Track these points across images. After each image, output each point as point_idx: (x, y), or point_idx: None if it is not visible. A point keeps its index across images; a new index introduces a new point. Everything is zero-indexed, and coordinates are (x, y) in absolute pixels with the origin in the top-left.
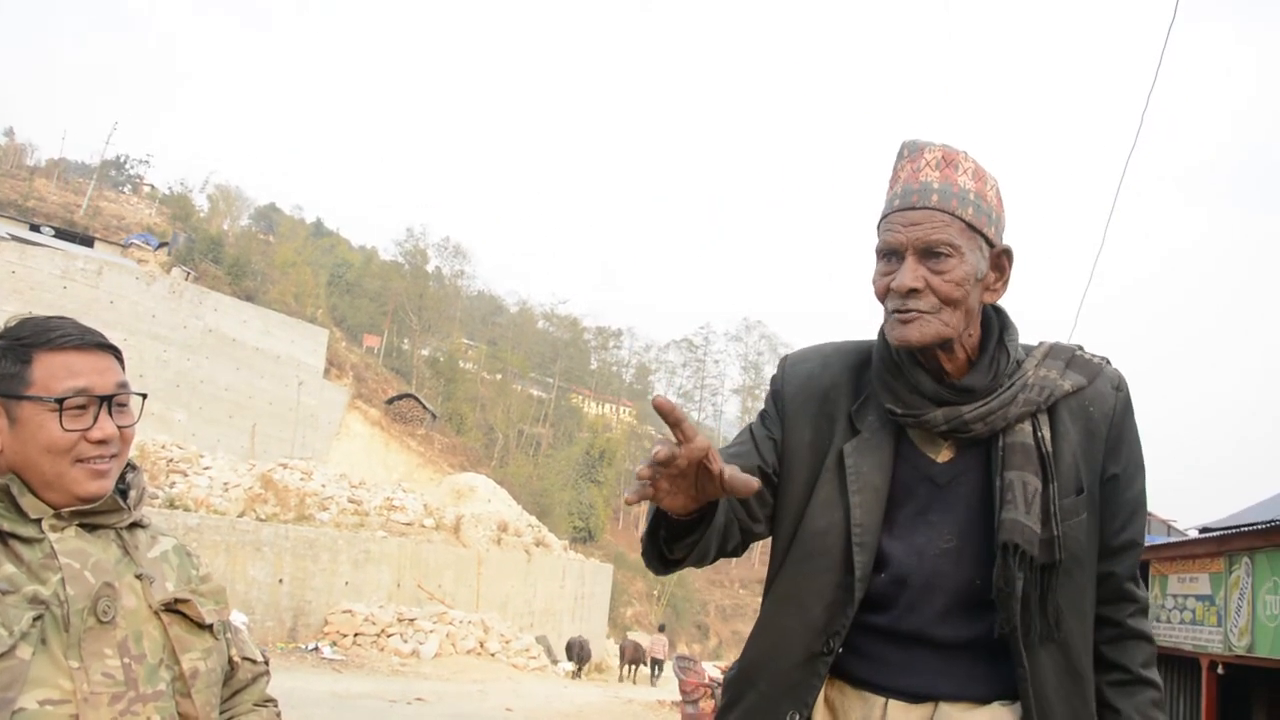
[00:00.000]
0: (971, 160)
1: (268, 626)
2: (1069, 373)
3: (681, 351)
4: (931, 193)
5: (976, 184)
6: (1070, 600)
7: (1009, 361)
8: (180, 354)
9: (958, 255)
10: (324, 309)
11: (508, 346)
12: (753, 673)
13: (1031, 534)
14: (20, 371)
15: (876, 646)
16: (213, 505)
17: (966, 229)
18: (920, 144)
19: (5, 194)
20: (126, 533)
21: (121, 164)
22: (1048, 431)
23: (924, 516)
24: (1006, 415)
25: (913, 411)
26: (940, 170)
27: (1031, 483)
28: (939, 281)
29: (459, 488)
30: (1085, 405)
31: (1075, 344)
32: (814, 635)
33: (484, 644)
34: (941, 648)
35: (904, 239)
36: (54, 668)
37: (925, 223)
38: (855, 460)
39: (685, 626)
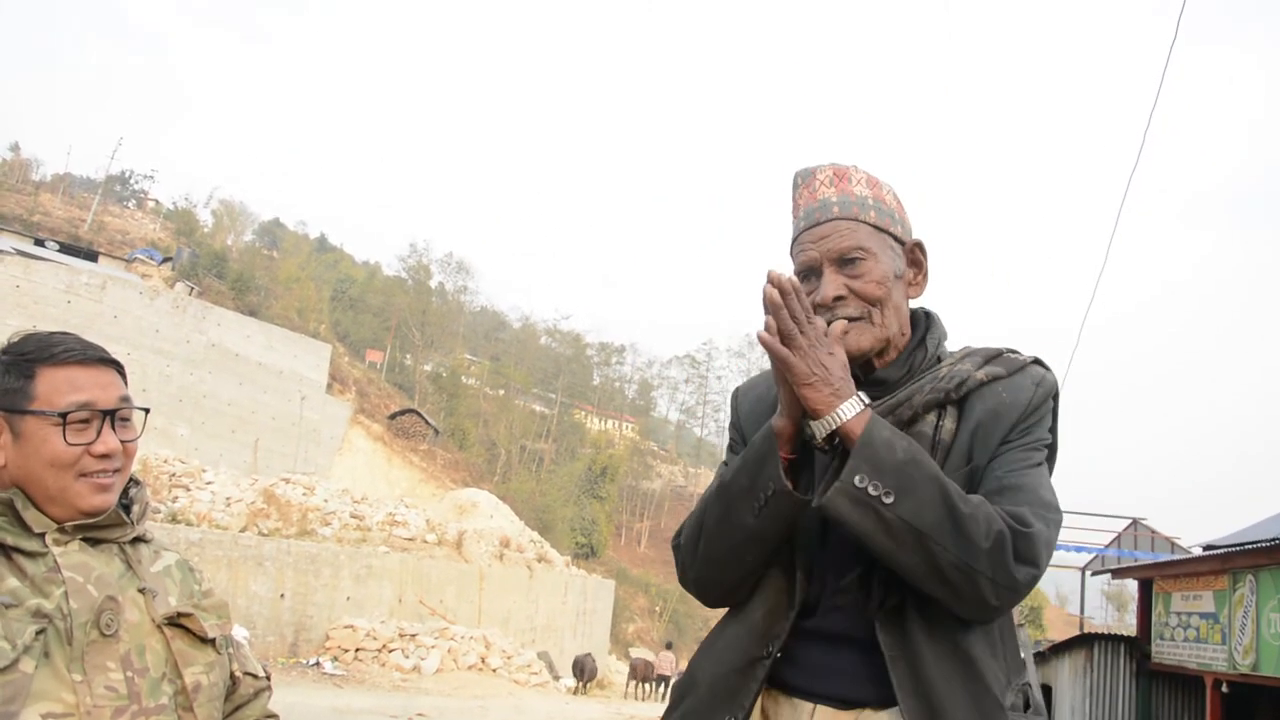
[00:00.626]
0: (862, 171)
1: (269, 641)
2: (988, 367)
3: (684, 368)
4: (831, 205)
5: (872, 190)
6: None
7: (926, 357)
8: (183, 369)
9: (871, 257)
10: (327, 324)
11: (510, 362)
12: (695, 677)
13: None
14: (24, 386)
15: (805, 651)
16: (215, 520)
17: (873, 231)
18: (811, 169)
19: (10, 209)
20: (130, 547)
21: (126, 179)
22: (952, 423)
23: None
24: (913, 404)
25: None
26: (835, 185)
27: None
28: (859, 285)
29: (461, 503)
30: (998, 391)
31: (1005, 346)
32: (755, 640)
33: (485, 660)
34: (862, 647)
35: (816, 254)
36: (57, 681)
37: (832, 234)
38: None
39: (687, 643)
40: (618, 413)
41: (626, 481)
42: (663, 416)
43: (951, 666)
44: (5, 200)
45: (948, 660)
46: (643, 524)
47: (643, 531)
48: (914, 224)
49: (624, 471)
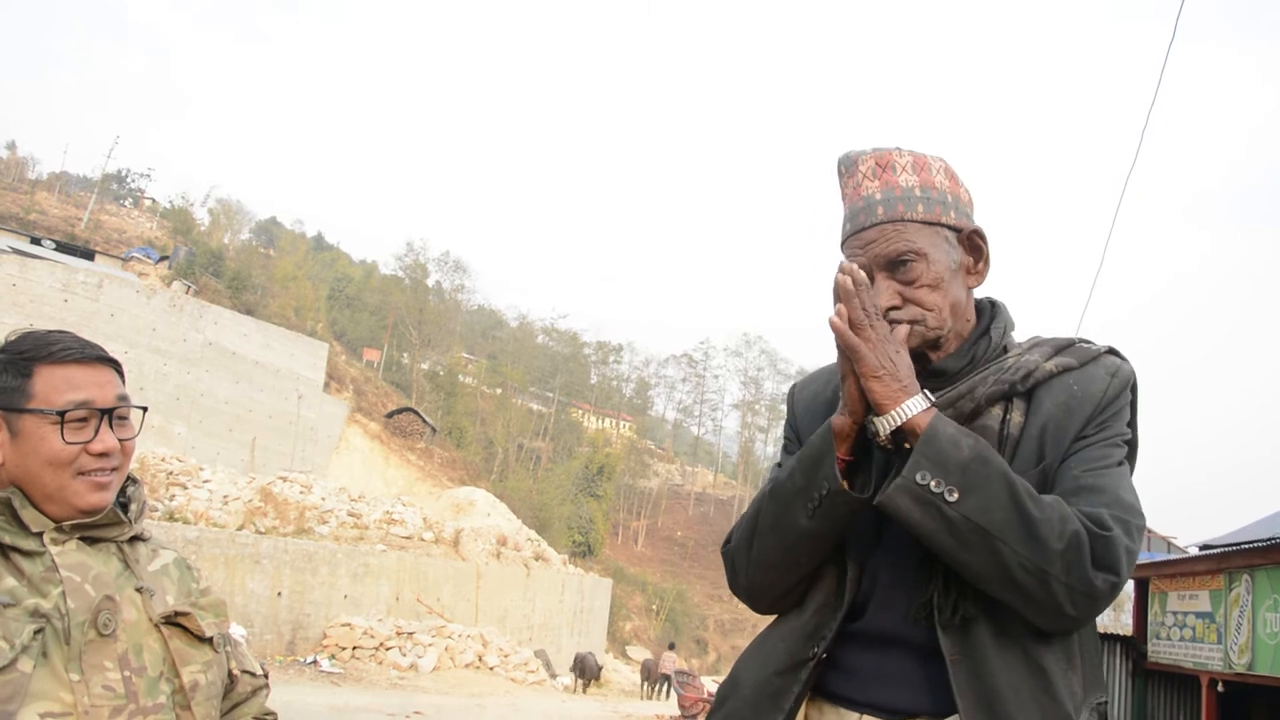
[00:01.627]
0: (907, 154)
1: (266, 639)
2: (1057, 357)
3: (681, 367)
4: (876, 206)
5: (920, 176)
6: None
7: (990, 347)
8: (180, 367)
9: (922, 258)
10: (324, 323)
11: (508, 361)
12: (738, 678)
13: None
14: (21, 385)
15: (852, 655)
16: (212, 518)
17: (923, 227)
18: (854, 155)
19: (7, 207)
20: (127, 546)
21: (123, 178)
22: (1020, 416)
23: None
24: (975, 396)
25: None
26: (878, 178)
27: None
28: (914, 291)
29: (458, 501)
30: (1069, 384)
31: (1078, 336)
32: (801, 641)
33: (483, 658)
34: (915, 652)
35: (865, 260)
36: (55, 681)
37: (878, 239)
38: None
39: (684, 641)
40: (615, 411)
41: (623, 480)
42: (660, 415)
43: (1020, 677)
44: (2, 199)
45: (1017, 670)
46: (639, 522)
47: (640, 530)
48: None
49: (621, 470)
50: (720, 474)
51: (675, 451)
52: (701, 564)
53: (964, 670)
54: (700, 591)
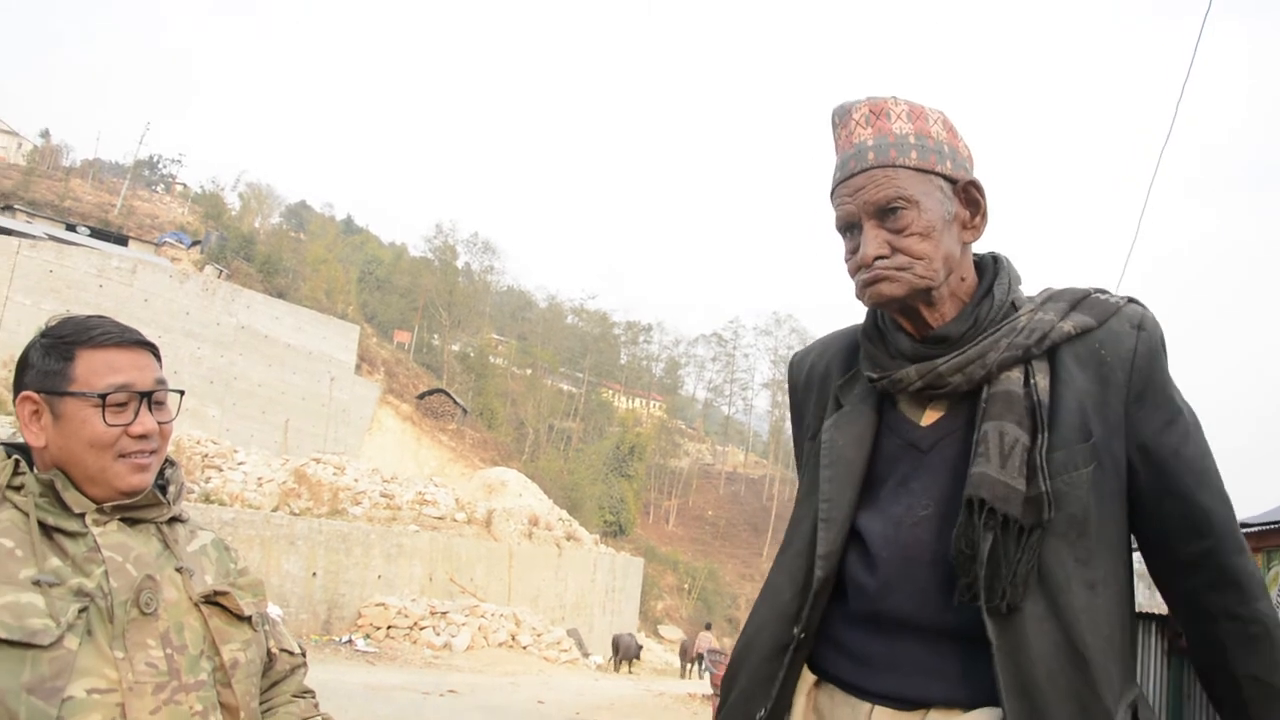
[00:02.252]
0: (903, 103)
1: (302, 619)
2: (1074, 314)
3: (711, 346)
4: (867, 151)
5: (915, 124)
6: (1070, 568)
7: (994, 306)
8: (214, 351)
9: (913, 206)
10: (355, 305)
11: (537, 342)
12: (734, 670)
13: (1005, 489)
14: (63, 369)
15: (860, 639)
16: (247, 500)
17: (915, 174)
18: (847, 105)
19: (42, 195)
20: (166, 527)
21: (154, 164)
22: (1044, 379)
23: (905, 486)
24: (986, 362)
25: (886, 372)
26: (871, 125)
27: (1011, 433)
28: (902, 240)
29: (490, 482)
30: (1096, 348)
31: (1093, 287)
32: (784, 625)
33: (515, 637)
34: (928, 635)
35: (853, 207)
36: (100, 658)
37: (868, 185)
38: (831, 435)
39: (716, 620)
40: (645, 391)
41: (654, 460)
42: (690, 395)
43: (1060, 665)
44: (37, 186)
45: (1058, 658)
46: (670, 502)
47: (671, 509)
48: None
49: (652, 450)
50: (751, 453)
51: (706, 431)
52: (733, 543)
53: (1005, 657)
54: (732, 570)
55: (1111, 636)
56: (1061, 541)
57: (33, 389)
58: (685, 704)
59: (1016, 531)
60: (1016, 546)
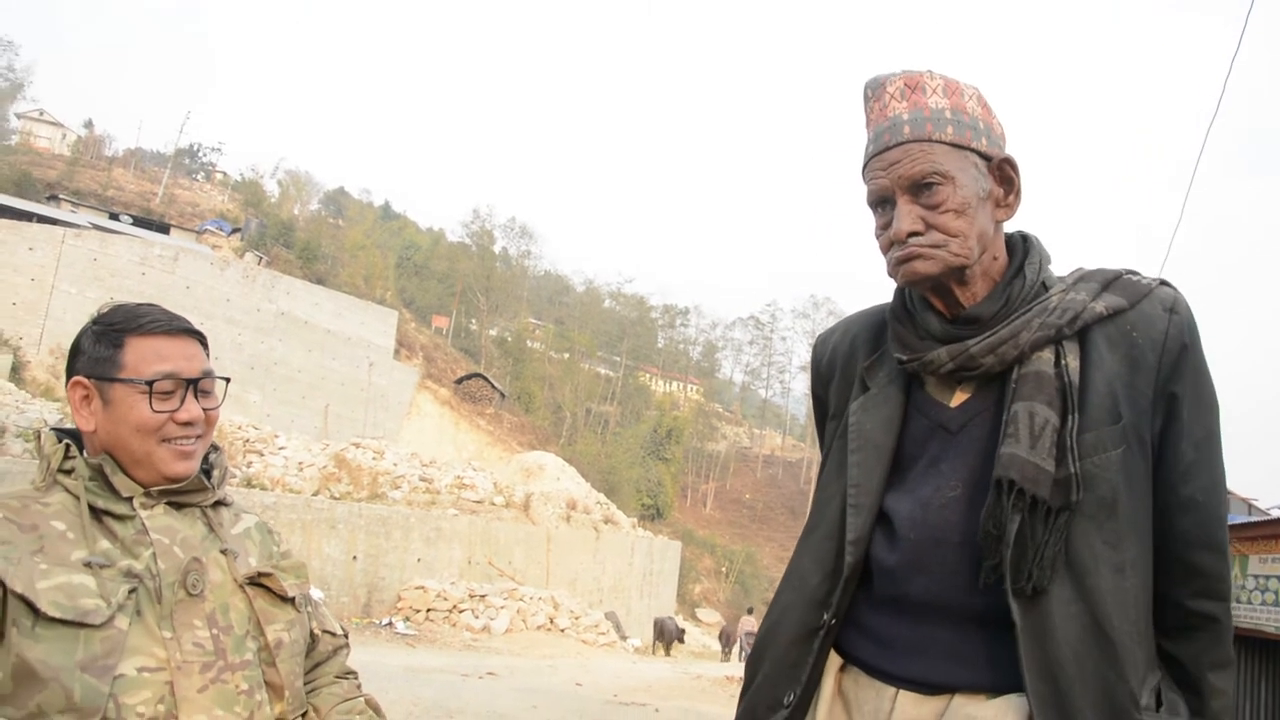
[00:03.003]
0: (939, 77)
1: (343, 602)
2: (1105, 295)
3: (748, 329)
4: (902, 125)
5: (950, 99)
6: (1099, 550)
7: (1025, 286)
8: (254, 337)
9: (949, 182)
10: (393, 291)
11: (575, 326)
12: (760, 652)
13: (1035, 470)
14: (113, 355)
15: (885, 622)
16: (288, 484)
17: (951, 149)
18: (881, 79)
19: (86, 184)
20: (211, 511)
21: (195, 152)
22: (1075, 360)
23: (935, 467)
24: (1019, 343)
25: (917, 354)
26: (906, 99)
27: (1041, 413)
28: (937, 217)
29: (528, 466)
30: (1128, 330)
31: (1124, 268)
32: (811, 609)
33: (554, 620)
34: (955, 619)
35: (887, 182)
36: (149, 637)
37: (903, 159)
38: (859, 418)
39: (754, 603)
40: (682, 375)
41: (691, 443)
42: (727, 378)
43: (1087, 648)
44: (81, 176)
45: (1085, 641)
46: (708, 485)
47: (708, 493)
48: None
49: (689, 433)
50: (789, 436)
51: (743, 414)
52: (770, 526)
53: (1030, 638)
54: (769, 554)
55: (1137, 620)
56: (1090, 524)
57: (83, 374)
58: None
59: (1044, 513)
60: (1044, 528)
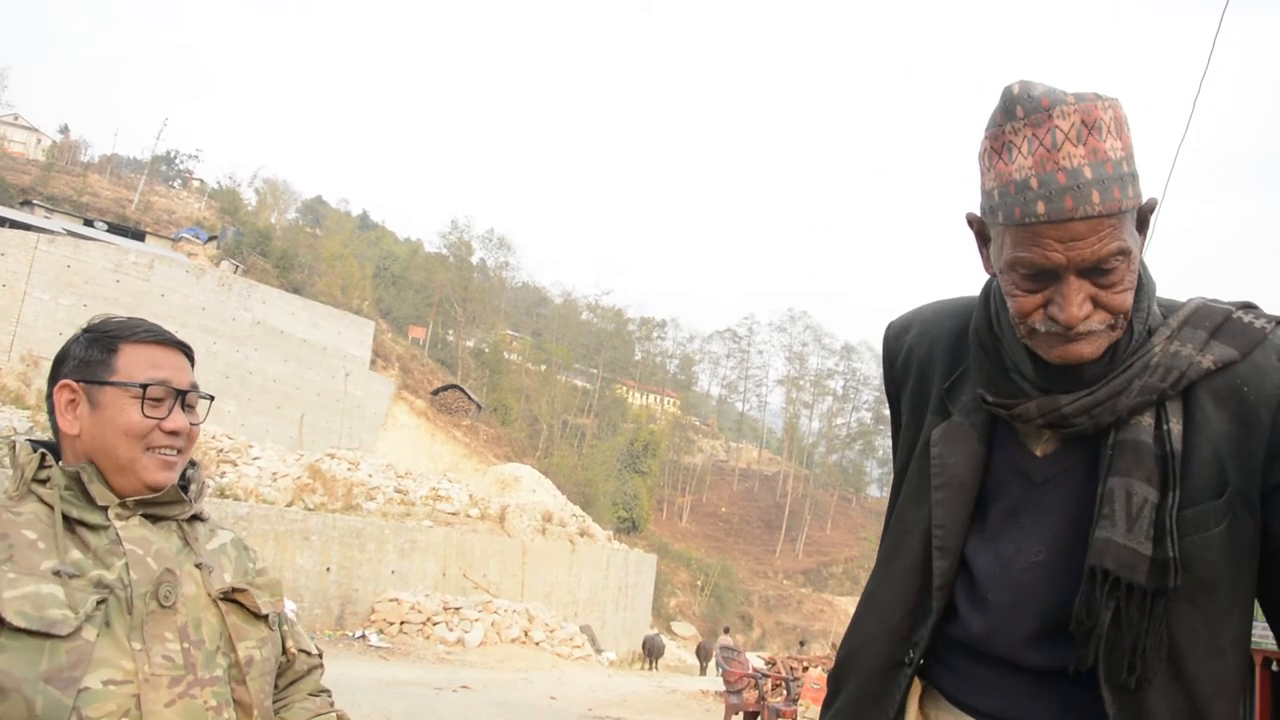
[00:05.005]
0: (1107, 104)
1: (316, 614)
2: (1214, 344)
3: (725, 342)
4: (1090, 189)
5: (1123, 139)
6: (1196, 633)
7: (1131, 339)
8: (229, 346)
9: (1128, 260)
10: (370, 301)
11: (552, 338)
12: (842, 673)
13: (1132, 556)
14: (106, 360)
15: (964, 662)
16: (262, 495)
17: (1130, 215)
18: (1041, 97)
19: (61, 190)
20: (187, 525)
21: (171, 159)
22: (1177, 424)
23: (1015, 519)
24: (1115, 407)
25: (1004, 401)
26: (1084, 143)
27: (1140, 491)
28: (1109, 296)
29: (504, 478)
30: (1237, 385)
31: (1237, 302)
32: (895, 643)
33: (528, 633)
34: (1033, 673)
35: (1063, 260)
36: (117, 649)
37: (1090, 236)
38: (941, 449)
39: (729, 617)
40: (659, 387)
41: (668, 456)
42: (704, 391)
43: None
44: (56, 182)
45: None
46: (684, 499)
47: (684, 506)
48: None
49: (665, 446)
50: (765, 450)
51: (720, 427)
52: (746, 540)
53: None
54: (745, 567)
55: (1236, 700)
56: (1188, 605)
57: (72, 378)
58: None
59: (1140, 598)
60: (1141, 614)
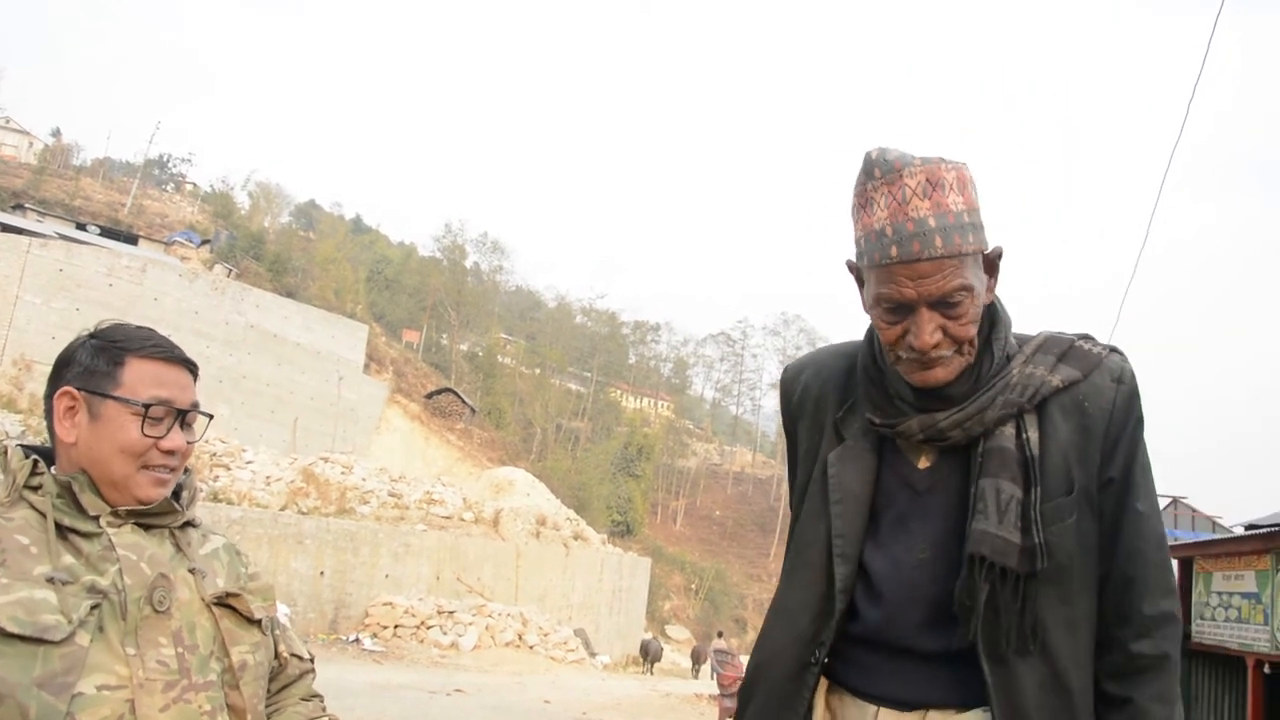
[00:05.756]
0: (951, 166)
1: (309, 618)
2: (1061, 366)
3: (719, 346)
4: (933, 236)
5: (964, 195)
6: (1056, 611)
7: (993, 363)
8: (223, 350)
9: (970, 296)
10: (364, 305)
11: (546, 341)
12: (752, 684)
13: (1004, 544)
14: (111, 372)
15: (864, 655)
16: (255, 499)
17: (971, 259)
18: (894, 160)
19: (53, 193)
20: (179, 531)
21: (164, 163)
22: (1034, 433)
23: (904, 525)
24: (984, 420)
25: (889, 421)
26: (929, 198)
27: (1007, 489)
28: (956, 327)
29: (498, 481)
30: (1080, 401)
31: (1077, 333)
32: (802, 647)
33: (522, 636)
34: (926, 657)
35: (914, 294)
36: (111, 655)
37: (935, 274)
38: (838, 469)
39: (723, 620)
40: (653, 391)
41: (662, 460)
42: (698, 395)
43: (1046, 698)
44: (48, 185)
45: (1046, 690)
46: (678, 502)
47: (678, 509)
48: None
49: (659, 450)
50: (759, 453)
51: (714, 431)
52: (740, 543)
53: (1000, 693)
54: (739, 570)
55: (1089, 667)
56: (1049, 586)
57: (75, 386)
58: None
59: (1013, 581)
60: (1014, 595)
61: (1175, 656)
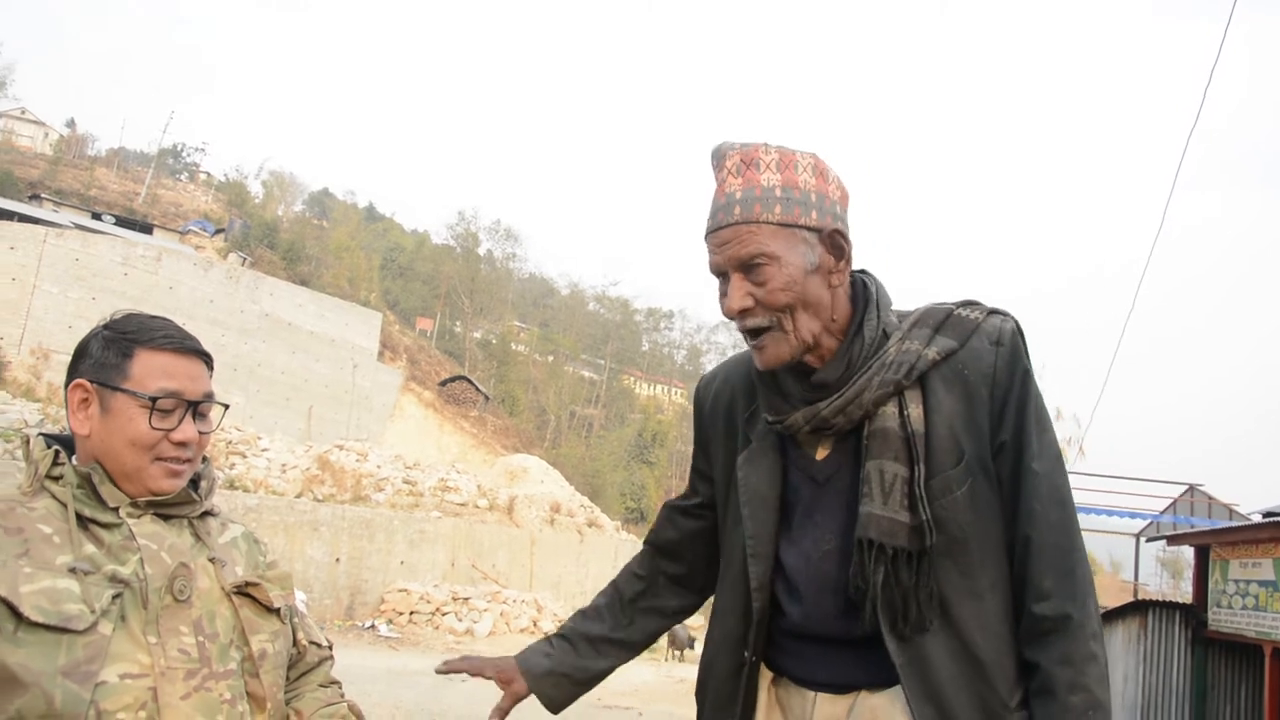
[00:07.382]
0: (773, 151)
1: (325, 605)
2: (937, 338)
3: (732, 333)
4: (734, 205)
5: (783, 174)
6: (957, 583)
7: (865, 345)
8: (237, 338)
9: (773, 262)
10: (377, 293)
11: (559, 328)
12: (701, 685)
13: (890, 524)
14: (120, 364)
15: (797, 645)
16: (271, 486)
17: (777, 229)
18: (723, 150)
19: (68, 184)
20: (198, 520)
21: (178, 152)
22: (916, 409)
23: (810, 518)
24: (863, 402)
25: (779, 417)
26: (741, 175)
27: (890, 469)
28: (763, 294)
29: (512, 469)
30: (959, 369)
31: (959, 301)
32: (735, 647)
33: (537, 623)
34: (850, 642)
35: (720, 260)
36: (133, 643)
37: (732, 240)
38: (745, 472)
39: None
40: (666, 378)
41: (676, 447)
42: None
43: (960, 668)
44: (63, 175)
45: (959, 663)
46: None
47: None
48: (856, 193)
49: (673, 436)
50: None
51: None
52: None
53: (910, 671)
54: None
55: (1002, 633)
56: (946, 560)
57: (87, 378)
58: None
59: (906, 559)
60: (909, 573)
61: (1080, 617)
